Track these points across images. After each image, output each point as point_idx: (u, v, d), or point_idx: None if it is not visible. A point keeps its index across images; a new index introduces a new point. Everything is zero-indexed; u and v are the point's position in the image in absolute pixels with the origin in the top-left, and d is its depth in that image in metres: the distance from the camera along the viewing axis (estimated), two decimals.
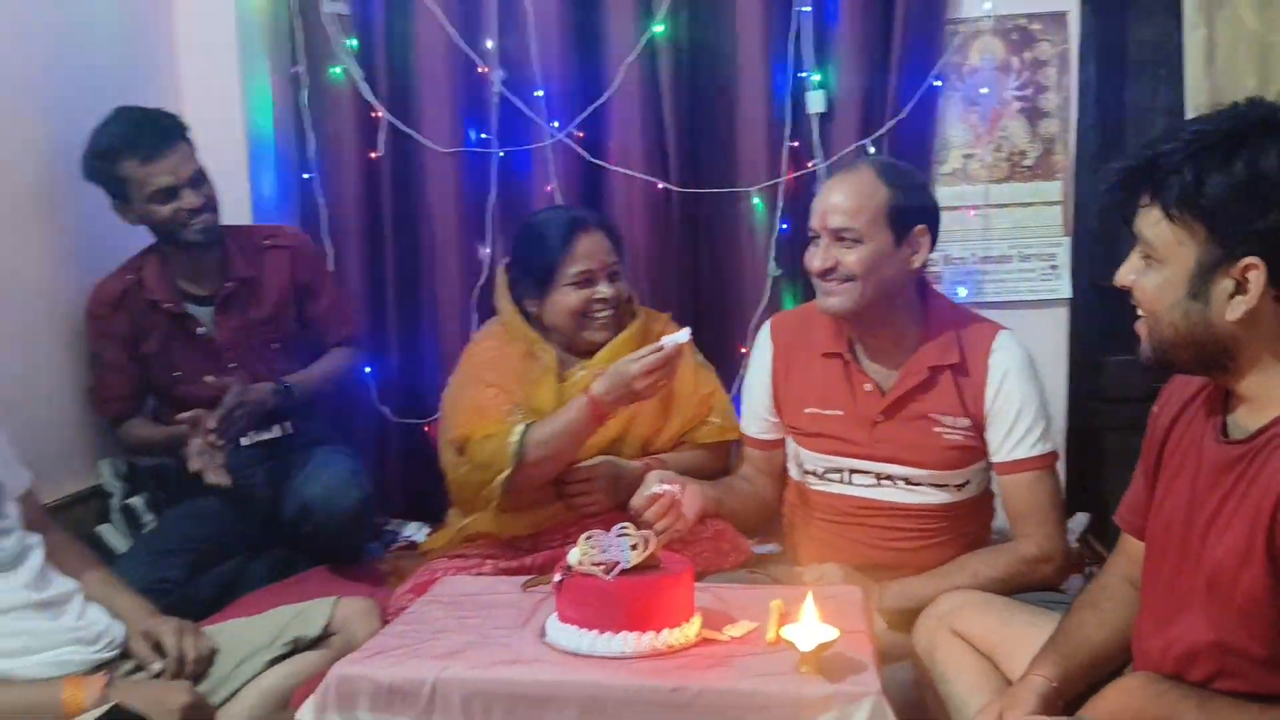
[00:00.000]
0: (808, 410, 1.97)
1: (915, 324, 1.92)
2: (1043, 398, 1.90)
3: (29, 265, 2.31)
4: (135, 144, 2.24)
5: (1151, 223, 1.23)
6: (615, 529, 1.46)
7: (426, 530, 2.59)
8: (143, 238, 2.40)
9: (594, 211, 2.33)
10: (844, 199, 1.84)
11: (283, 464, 2.37)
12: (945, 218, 2.65)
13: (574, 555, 1.45)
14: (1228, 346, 1.22)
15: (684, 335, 1.89)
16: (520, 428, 1.97)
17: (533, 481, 2.00)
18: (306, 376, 2.47)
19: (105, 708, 1.37)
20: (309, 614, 1.80)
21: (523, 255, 2.19)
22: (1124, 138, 2.70)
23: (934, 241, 1.90)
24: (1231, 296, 1.19)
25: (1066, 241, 2.65)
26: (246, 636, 1.77)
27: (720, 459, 2.20)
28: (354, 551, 2.41)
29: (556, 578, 1.47)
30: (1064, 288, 2.66)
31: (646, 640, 1.40)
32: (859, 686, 1.31)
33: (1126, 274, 1.30)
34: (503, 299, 2.22)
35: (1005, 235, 2.69)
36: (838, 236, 1.84)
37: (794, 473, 2.07)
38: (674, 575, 1.44)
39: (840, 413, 1.94)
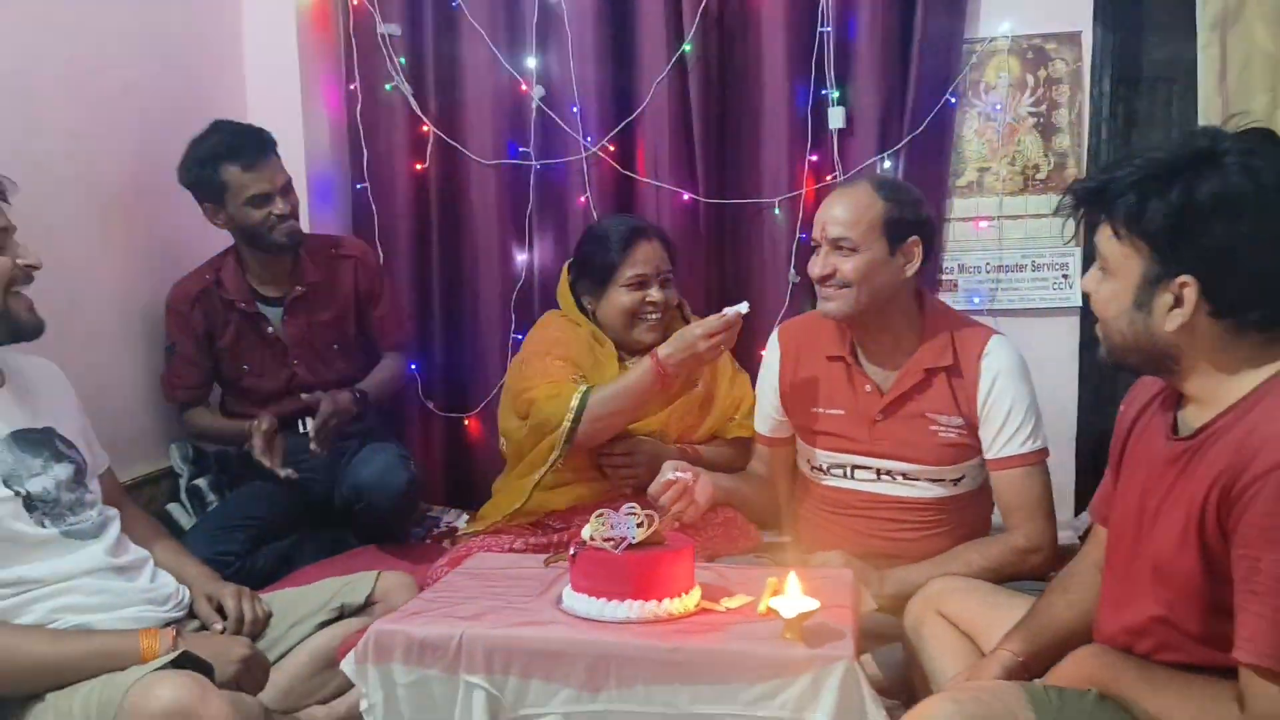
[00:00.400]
0: (813, 410, 2.11)
1: (912, 329, 2.04)
2: (1033, 398, 2.01)
3: (108, 269, 2.53)
4: (238, 152, 2.45)
5: (1105, 239, 1.35)
6: (624, 508, 1.62)
7: (465, 517, 2.77)
8: (207, 243, 2.61)
9: (653, 224, 2.48)
10: (842, 211, 1.98)
11: (337, 453, 2.56)
12: (960, 228, 2.83)
13: (587, 531, 1.62)
14: (1170, 353, 1.33)
15: (744, 306, 2.07)
16: (584, 387, 2.14)
17: (592, 439, 2.15)
18: (375, 382, 2.67)
19: (176, 653, 1.55)
20: (355, 584, 1.98)
21: (585, 256, 2.36)
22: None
23: (928, 253, 2.03)
24: (1170, 309, 1.29)
25: (1078, 252, 2.75)
26: (299, 603, 1.96)
27: (747, 454, 2.34)
28: (400, 532, 2.61)
29: (571, 551, 1.64)
30: (1075, 296, 2.76)
31: (649, 608, 1.55)
32: (835, 652, 1.45)
33: (1087, 282, 1.42)
34: (564, 295, 2.39)
35: (1019, 245, 2.80)
36: (836, 245, 1.98)
37: (802, 468, 2.22)
38: (675, 551, 1.60)
39: (842, 412, 2.08)
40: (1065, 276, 2.77)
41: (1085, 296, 2.66)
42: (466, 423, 3.04)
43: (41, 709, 1.54)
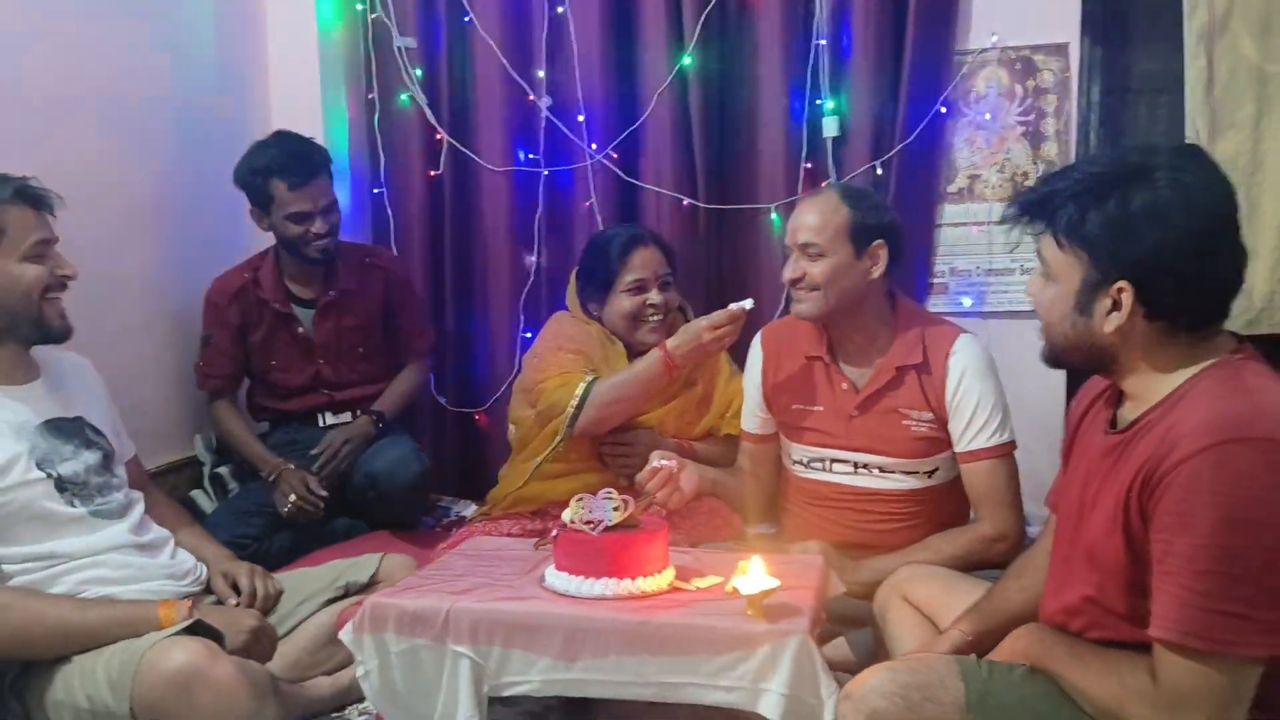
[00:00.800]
0: (794, 407, 2.22)
1: (885, 329, 2.15)
2: (999, 393, 2.10)
3: (138, 272, 2.69)
4: (286, 169, 2.60)
5: (1048, 247, 1.43)
6: (601, 493, 1.74)
7: (474, 507, 2.90)
8: (231, 247, 2.77)
9: (651, 231, 2.60)
10: (810, 218, 2.09)
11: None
12: (952, 233, 2.93)
13: (567, 514, 1.74)
14: (1109, 352, 1.40)
15: (748, 303, 2.20)
16: (590, 378, 2.28)
17: (597, 426, 2.28)
18: (393, 400, 2.82)
19: (189, 620, 1.70)
20: (360, 565, 2.13)
21: (588, 266, 2.49)
22: None
23: (896, 256, 2.12)
24: (1109, 313, 1.37)
25: None
26: (308, 581, 2.10)
27: (737, 451, 2.44)
28: (412, 520, 2.75)
29: (554, 534, 1.76)
30: None
31: (624, 585, 1.66)
32: (791, 627, 1.55)
33: (1031, 287, 1.50)
34: (573, 301, 2.53)
35: (1008, 250, 2.89)
36: (804, 250, 2.09)
37: (785, 462, 2.32)
38: (649, 533, 1.71)
39: (821, 409, 2.18)
40: None
41: None
42: (477, 417, 3.18)
43: (68, 670, 1.68)
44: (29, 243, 1.80)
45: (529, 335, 3.03)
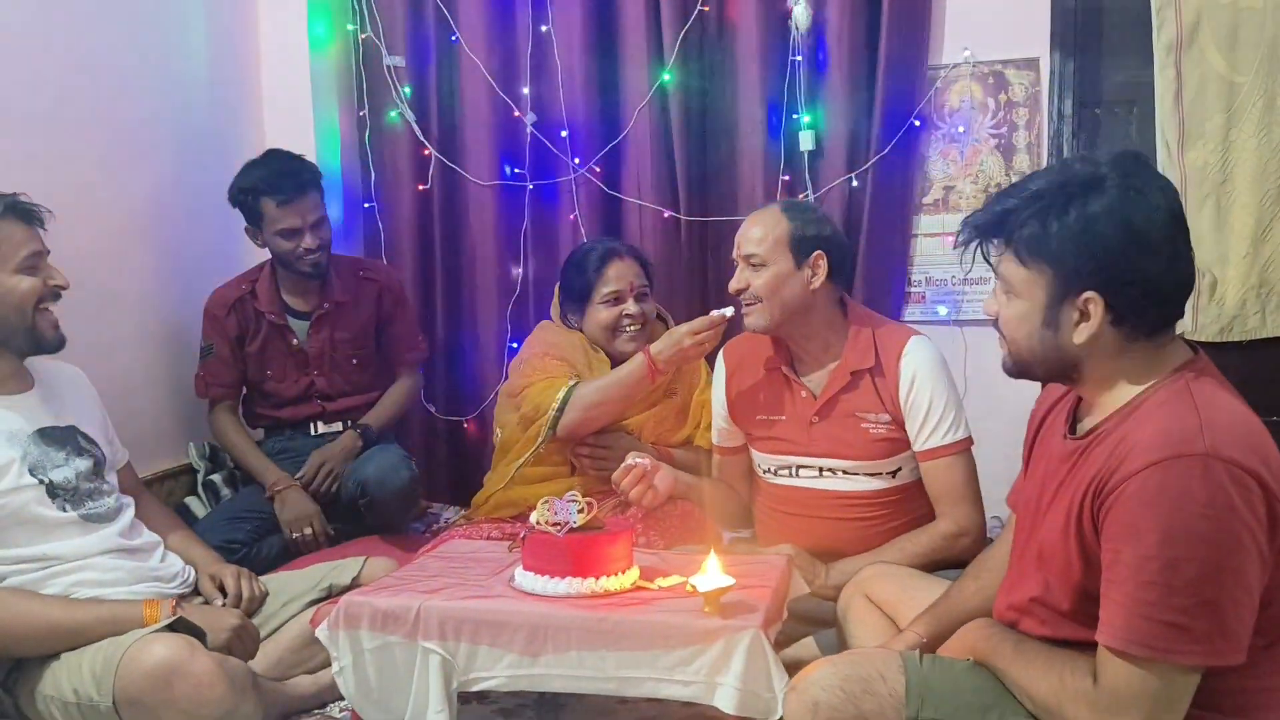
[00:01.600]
0: (757, 417, 2.28)
1: (837, 335, 2.21)
2: (951, 391, 2.16)
3: (133, 283, 2.77)
4: (275, 188, 2.68)
5: (1008, 265, 1.44)
6: (566, 496, 1.81)
7: (463, 514, 2.97)
8: (224, 261, 2.85)
9: (627, 244, 2.67)
10: (753, 230, 2.18)
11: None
12: (928, 244, 2.99)
13: (534, 516, 1.81)
14: (1075, 363, 1.43)
15: (729, 310, 2.28)
16: (573, 380, 2.35)
17: (578, 428, 2.35)
18: (382, 413, 2.89)
19: (173, 618, 1.77)
20: (342, 568, 2.20)
21: (567, 280, 2.57)
22: None
23: (838, 265, 2.19)
24: (1077, 324, 1.38)
25: None
26: (292, 583, 2.17)
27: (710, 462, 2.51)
28: (402, 526, 2.81)
29: (522, 535, 1.83)
30: None
31: (587, 584, 1.73)
32: (744, 623, 1.62)
33: (990, 306, 1.53)
34: (556, 313, 2.60)
35: (983, 260, 2.93)
36: (748, 261, 2.17)
37: (756, 471, 2.38)
38: (612, 535, 1.78)
39: (783, 417, 2.25)
40: None
41: None
42: (466, 425, 3.26)
43: (56, 665, 1.76)
44: (21, 256, 1.87)
45: (516, 345, 3.10)
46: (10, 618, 1.75)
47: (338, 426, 2.85)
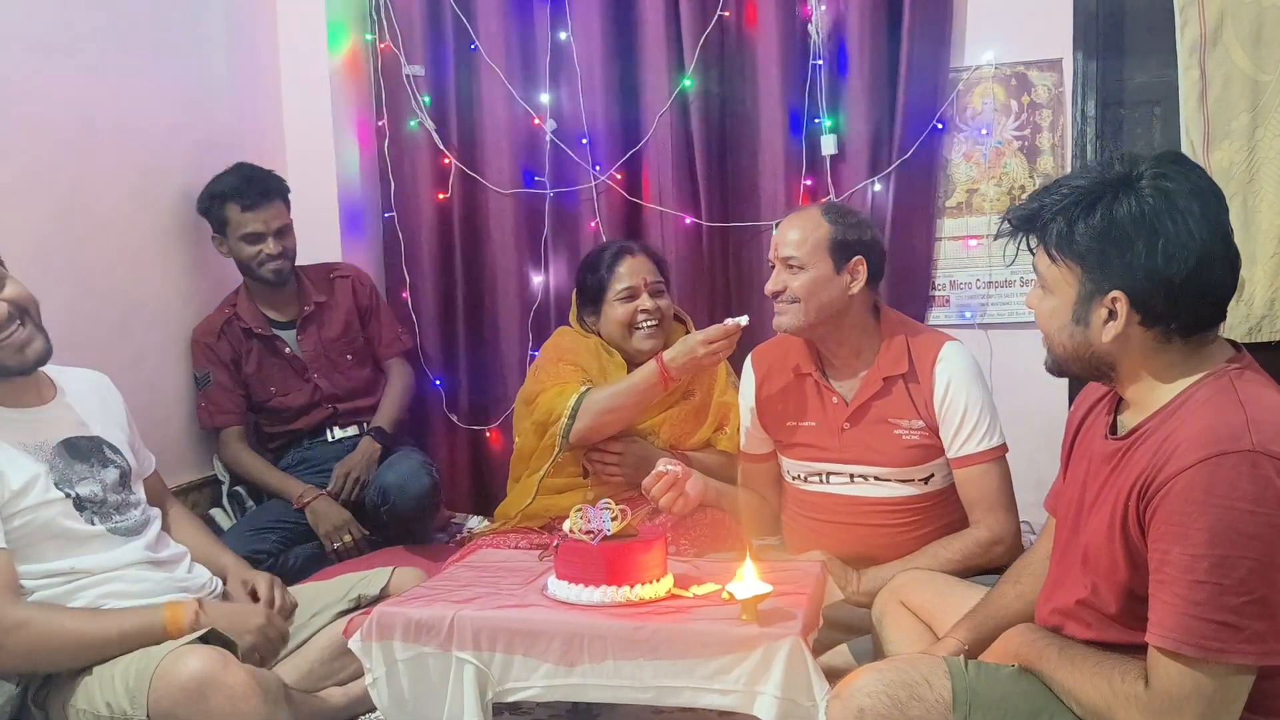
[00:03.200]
0: (787, 424, 2.26)
1: (870, 341, 2.19)
2: (986, 399, 2.13)
3: (158, 292, 2.77)
4: (240, 193, 2.72)
5: (1041, 261, 1.45)
6: (600, 504, 1.79)
7: (486, 522, 2.96)
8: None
9: (639, 242, 2.66)
10: (792, 233, 2.15)
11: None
12: (951, 247, 2.97)
13: (567, 525, 1.79)
14: (1107, 361, 1.43)
15: (743, 319, 2.27)
16: (584, 387, 2.34)
17: (592, 435, 2.34)
18: (388, 410, 2.91)
19: (202, 631, 1.76)
20: (371, 578, 2.18)
21: (581, 282, 2.56)
22: None
23: (877, 272, 2.17)
24: (1105, 322, 1.39)
25: None
26: (321, 594, 2.16)
27: (733, 464, 2.48)
28: (423, 533, 2.81)
29: (555, 544, 1.82)
30: None
31: (621, 593, 1.71)
32: (783, 630, 1.60)
33: (1030, 300, 1.53)
34: (574, 317, 2.60)
35: (1007, 261, 2.92)
36: (786, 263, 2.15)
37: (785, 478, 2.37)
38: (646, 543, 1.76)
39: (814, 424, 2.23)
40: None
41: None
42: (488, 434, 3.25)
43: (89, 679, 1.74)
44: None
45: (537, 354, 3.07)
46: (38, 633, 1.74)
47: (353, 430, 2.86)
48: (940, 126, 2.89)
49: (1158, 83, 2.83)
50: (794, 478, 2.31)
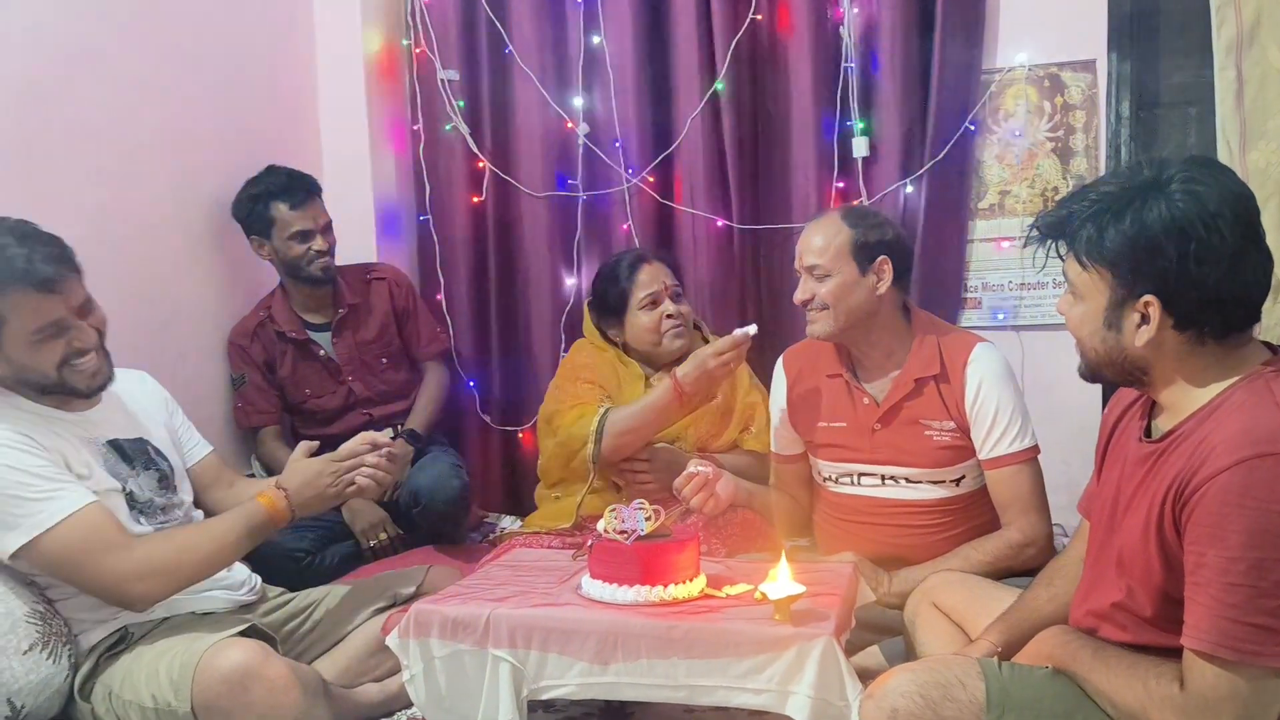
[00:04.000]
0: (818, 425, 2.27)
1: (901, 342, 2.20)
2: (1018, 399, 2.13)
3: (198, 295, 2.82)
4: (288, 191, 2.75)
5: (1071, 267, 1.45)
6: (634, 504, 1.81)
7: (519, 523, 2.98)
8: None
9: (651, 247, 2.69)
10: (814, 240, 2.16)
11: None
12: (983, 249, 2.97)
13: (601, 524, 1.81)
14: (1140, 365, 1.43)
15: (751, 329, 2.29)
16: (604, 408, 2.37)
17: (618, 453, 2.39)
18: (422, 412, 2.93)
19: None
20: (407, 576, 2.22)
21: (600, 294, 2.59)
22: None
23: (903, 271, 2.18)
24: (1138, 327, 1.39)
25: None
26: (359, 591, 2.19)
27: (761, 464, 2.51)
28: (455, 533, 2.84)
29: (589, 543, 1.84)
30: None
31: (655, 592, 1.73)
32: (816, 630, 1.61)
33: (1061, 306, 1.53)
34: (589, 329, 2.63)
35: (1040, 263, 2.91)
36: (811, 272, 2.16)
37: (816, 479, 2.37)
38: (679, 542, 1.78)
39: (844, 425, 2.23)
40: None
41: None
42: (520, 435, 3.27)
43: (134, 670, 1.78)
44: (32, 329, 1.77)
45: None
46: (166, 570, 1.81)
47: (388, 434, 2.88)
48: (972, 128, 2.88)
49: (1193, 83, 2.80)
50: (825, 479, 2.31)
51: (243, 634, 1.78)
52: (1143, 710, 1.35)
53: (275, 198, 2.76)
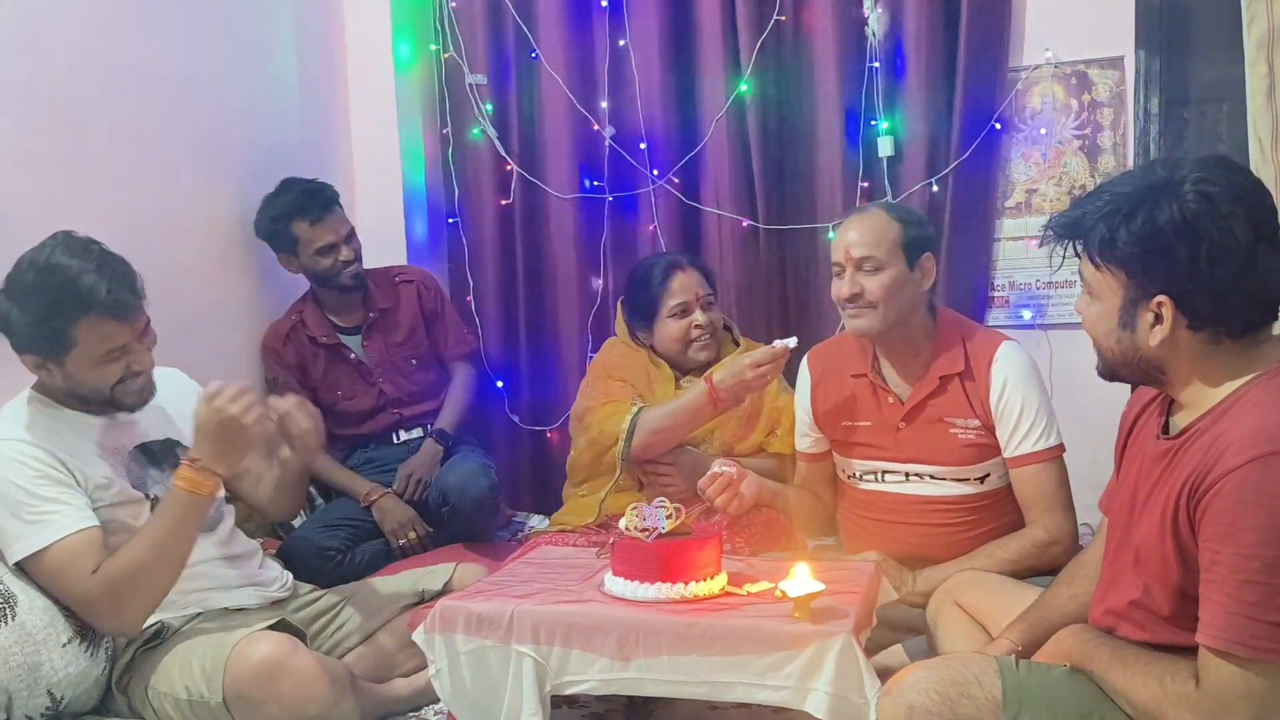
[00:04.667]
0: (843, 423, 2.28)
1: (927, 340, 2.20)
2: (1043, 398, 2.13)
3: (231, 297, 2.88)
4: (305, 209, 2.79)
5: (1086, 267, 1.46)
6: (655, 502, 1.83)
7: (547, 522, 3.01)
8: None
9: (687, 254, 2.69)
10: (864, 233, 2.14)
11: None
12: (1010, 247, 2.96)
13: (623, 522, 1.83)
14: (1156, 364, 1.43)
15: (792, 341, 2.28)
16: (636, 407, 2.39)
17: (647, 452, 2.40)
18: (451, 412, 2.96)
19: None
20: (434, 573, 2.24)
21: (632, 296, 2.60)
22: None
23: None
24: (1152, 326, 1.39)
25: None
26: (387, 588, 2.23)
27: (786, 467, 2.51)
28: (484, 532, 2.87)
29: (611, 541, 1.86)
30: None
31: (676, 589, 1.74)
32: (835, 628, 1.62)
33: (1078, 306, 1.54)
34: (621, 329, 2.64)
35: (1068, 263, 2.88)
36: (861, 265, 2.13)
37: (840, 477, 2.38)
38: (700, 540, 1.79)
39: (869, 423, 2.24)
40: None
41: None
42: (549, 435, 3.30)
43: (170, 662, 1.83)
44: (103, 351, 1.84)
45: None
46: (117, 580, 1.77)
47: (418, 433, 2.93)
48: (998, 127, 2.87)
49: (1223, 79, 2.76)
50: (849, 476, 2.32)
51: (273, 628, 1.81)
52: (1159, 709, 1.35)
53: (294, 217, 2.79)
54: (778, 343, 2.27)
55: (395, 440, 2.91)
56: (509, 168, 3.24)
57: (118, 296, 1.82)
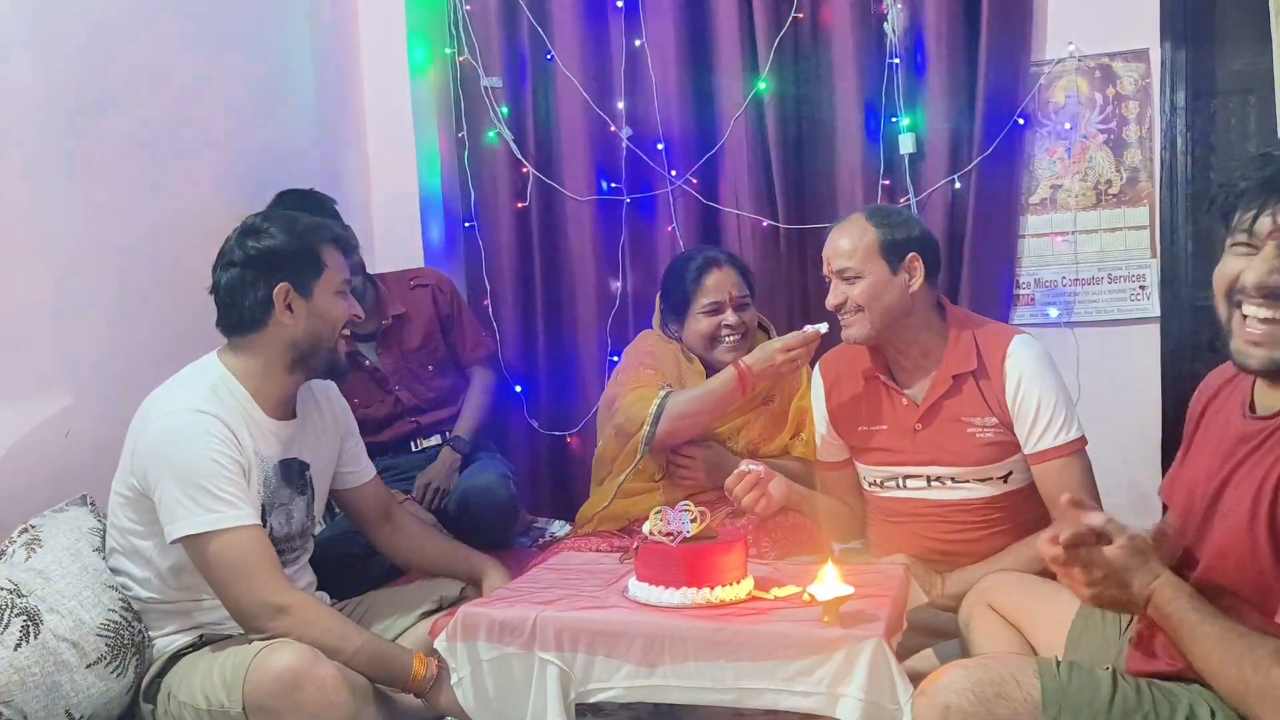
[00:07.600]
0: (860, 429, 2.24)
1: (937, 339, 2.16)
2: (1060, 391, 2.08)
3: None
4: (339, 237, 2.73)
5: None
6: (679, 505, 1.80)
7: (568, 528, 2.99)
8: None
9: (727, 252, 2.63)
10: (841, 243, 2.13)
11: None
12: (1036, 244, 2.92)
13: (647, 527, 1.80)
14: None
15: (823, 326, 2.25)
16: (664, 391, 2.34)
17: (673, 438, 2.34)
18: (469, 419, 2.92)
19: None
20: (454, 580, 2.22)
21: (667, 289, 2.57)
22: (1213, 163, 2.83)
23: (931, 266, 2.14)
24: None
25: (1154, 263, 2.80)
26: (406, 596, 2.21)
27: (809, 470, 2.45)
28: (504, 539, 2.84)
29: (635, 545, 1.82)
30: (1153, 306, 2.80)
31: (701, 594, 1.71)
32: (866, 632, 1.58)
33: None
34: (658, 321, 2.61)
35: (1094, 259, 2.85)
36: (841, 276, 2.13)
37: (864, 484, 2.34)
38: (725, 544, 1.76)
39: (885, 427, 2.20)
40: (1142, 287, 2.81)
41: (1173, 307, 2.73)
42: (568, 440, 3.27)
43: (193, 672, 1.81)
44: (339, 280, 2.01)
45: (616, 359, 3.08)
46: (298, 623, 1.81)
47: (435, 440, 2.90)
48: (1022, 122, 2.83)
49: (1251, 70, 2.74)
50: (870, 484, 2.28)
51: None
52: (1242, 699, 1.32)
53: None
54: (808, 328, 2.24)
55: (413, 448, 2.88)
56: (525, 170, 3.22)
57: (345, 234, 2.14)
